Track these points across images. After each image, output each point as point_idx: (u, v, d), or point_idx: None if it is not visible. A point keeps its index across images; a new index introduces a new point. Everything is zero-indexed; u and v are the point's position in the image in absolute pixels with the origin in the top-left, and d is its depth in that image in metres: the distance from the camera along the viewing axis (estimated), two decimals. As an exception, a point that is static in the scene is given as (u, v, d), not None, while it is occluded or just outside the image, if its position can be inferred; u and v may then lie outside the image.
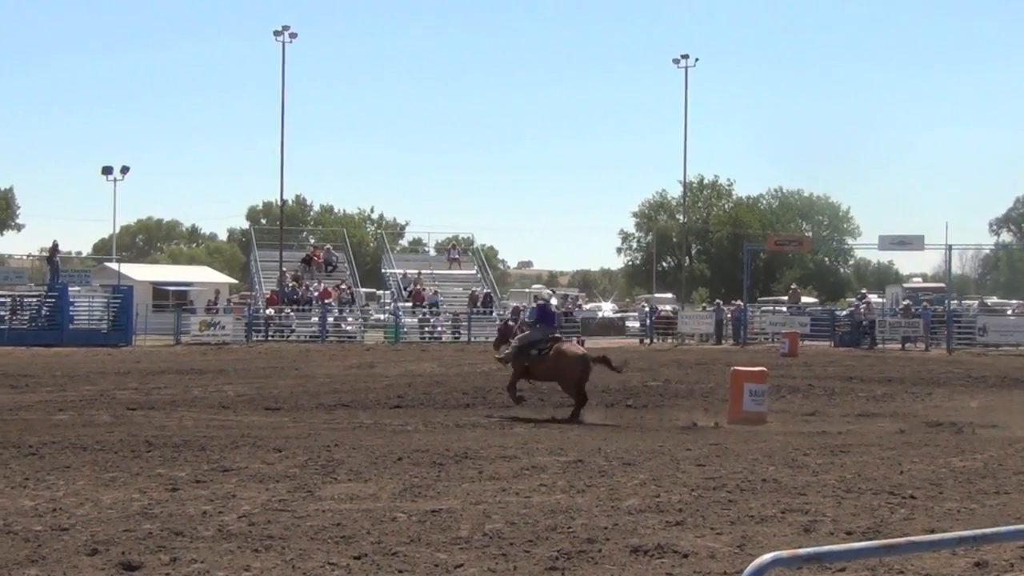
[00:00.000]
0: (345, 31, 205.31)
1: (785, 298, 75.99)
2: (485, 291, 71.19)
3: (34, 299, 58.46)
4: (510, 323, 31.20)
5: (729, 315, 67.21)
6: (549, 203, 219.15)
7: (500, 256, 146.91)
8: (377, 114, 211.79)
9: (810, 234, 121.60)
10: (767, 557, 6.01)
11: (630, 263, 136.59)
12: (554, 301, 28.03)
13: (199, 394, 30.25)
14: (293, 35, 72.17)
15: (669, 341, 66.08)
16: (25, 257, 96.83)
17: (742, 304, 67.76)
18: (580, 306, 76.02)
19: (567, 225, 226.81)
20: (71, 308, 56.90)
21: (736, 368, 26.69)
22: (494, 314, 68.26)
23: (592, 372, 27.29)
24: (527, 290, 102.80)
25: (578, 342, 32.57)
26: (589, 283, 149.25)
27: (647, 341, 65.96)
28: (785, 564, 6.07)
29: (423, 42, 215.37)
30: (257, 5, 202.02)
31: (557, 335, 28.38)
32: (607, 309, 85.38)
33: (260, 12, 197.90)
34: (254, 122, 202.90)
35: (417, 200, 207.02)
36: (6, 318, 54.72)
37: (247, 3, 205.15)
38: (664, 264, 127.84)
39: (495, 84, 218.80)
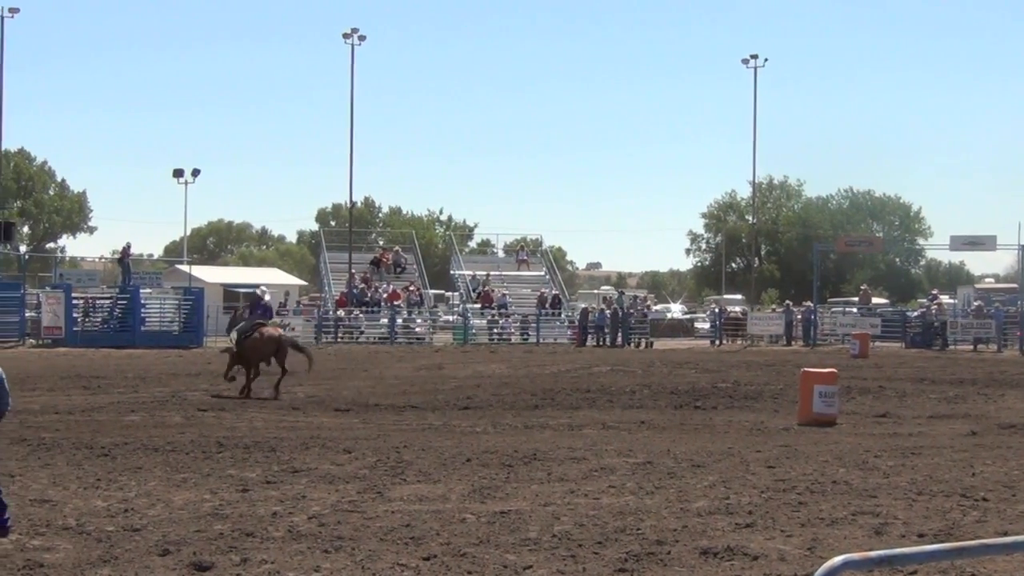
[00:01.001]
0: (414, 34, 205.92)
1: (855, 299, 75.39)
2: (553, 292, 71.12)
3: (106, 301, 58.91)
4: (239, 314, 34.51)
5: (799, 316, 66.77)
6: (618, 204, 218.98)
7: (569, 257, 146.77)
8: (446, 116, 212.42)
9: (881, 235, 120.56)
10: (838, 560, 5.97)
11: (699, 264, 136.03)
12: (267, 297, 33.82)
13: (269, 395, 30.34)
14: (362, 38, 72.47)
15: (738, 342, 65.77)
16: (97, 259, 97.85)
17: (812, 305, 67.29)
18: (649, 307, 75.78)
19: (636, 226, 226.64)
20: (143, 310, 57.30)
21: (806, 369, 26.48)
22: (563, 316, 68.22)
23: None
24: (596, 291, 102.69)
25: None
26: (658, 284, 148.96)
27: (716, 343, 65.69)
28: (856, 567, 6.03)
29: (491, 44, 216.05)
30: (327, 9, 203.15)
31: (262, 321, 32.08)
32: (676, 310, 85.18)
33: (329, 15, 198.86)
34: (323, 125, 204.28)
35: (486, 201, 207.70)
36: (79, 320, 55.12)
37: (317, 7, 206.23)
38: (733, 265, 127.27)
39: (564, 86, 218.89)
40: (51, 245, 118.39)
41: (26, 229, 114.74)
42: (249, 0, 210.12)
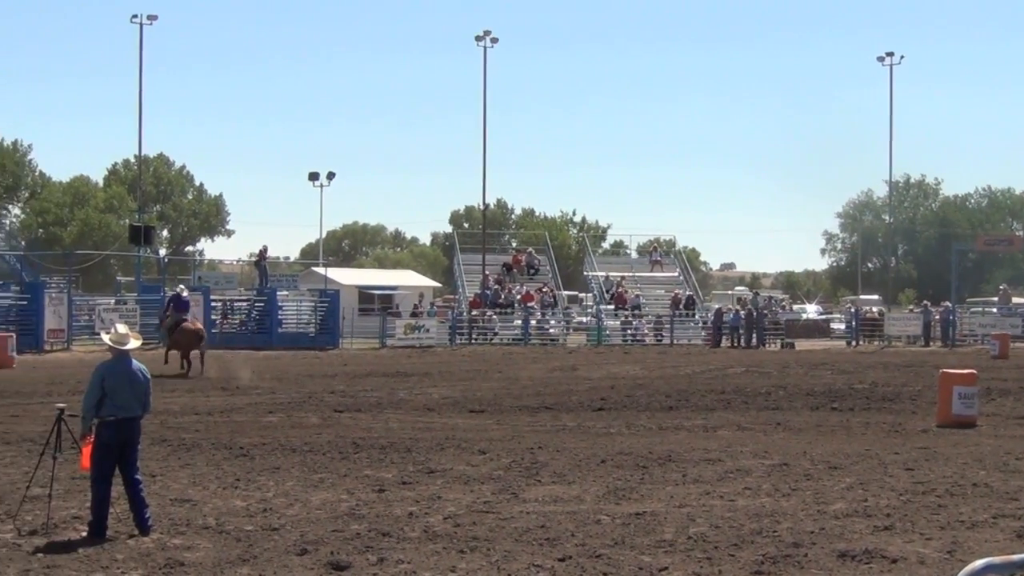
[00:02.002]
0: (546, 35, 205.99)
1: (995, 299, 74.18)
2: (687, 293, 70.72)
3: (244, 303, 59.80)
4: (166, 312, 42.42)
5: (937, 316, 65.80)
6: (752, 204, 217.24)
7: (702, 258, 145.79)
8: (579, 117, 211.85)
9: (1021, 233, 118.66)
10: (979, 563, 5.90)
11: (835, 264, 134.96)
12: (185, 294, 43.20)
13: (404, 396, 30.58)
14: (494, 40, 72.53)
15: (875, 343, 64.93)
16: (235, 262, 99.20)
17: (950, 305, 66.34)
18: (784, 308, 75.08)
19: (770, 226, 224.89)
20: (279, 312, 57.93)
21: (945, 370, 26.20)
22: (696, 317, 67.85)
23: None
24: (729, 292, 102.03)
25: None
26: (793, 285, 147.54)
27: (852, 343, 64.96)
28: (998, 571, 5.94)
29: (624, 46, 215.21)
30: (459, 13, 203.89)
31: (185, 318, 39.97)
32: (812, 311, 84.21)
33: (462, 20, 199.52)
34: (456, 127, 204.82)
35: (619, 202, 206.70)
36: (217, 322, 55.77)
37: (449, 11, 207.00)
38: (870, 265, 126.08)
39: (695, 87, 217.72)
40: (189, 248, 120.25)
41: (165, 233, 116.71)
42: (382, 6, 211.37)
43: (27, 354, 44.96)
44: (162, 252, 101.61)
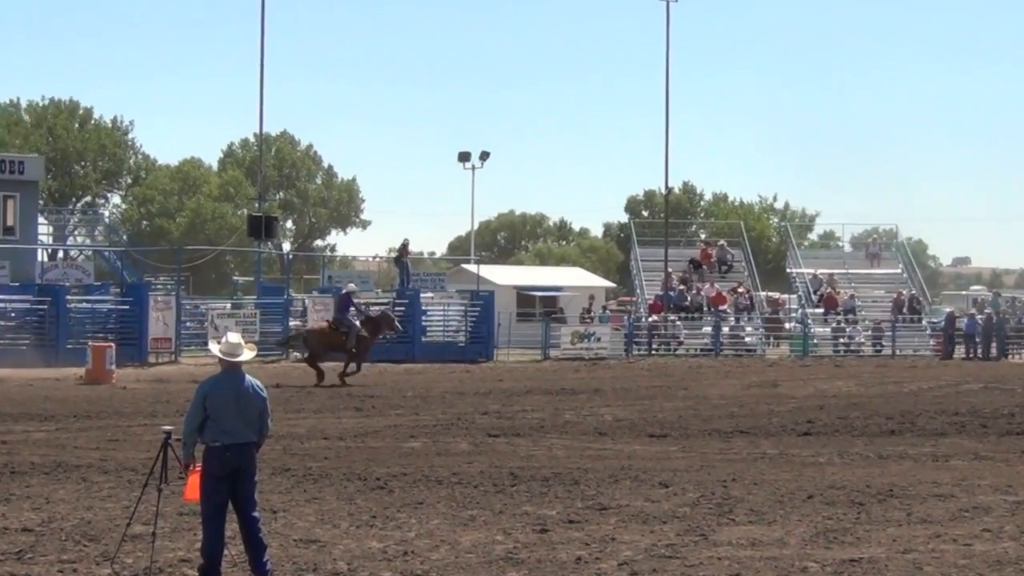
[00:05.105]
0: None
1: None
2: (912, 294, 69.95)
3: (382, 307, 59.62)
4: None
5: None
6: (989, 189, 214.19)
7: (930, 252, 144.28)
8: (778, 89, 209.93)
9: None
10: None
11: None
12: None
13: (571, 418, 30.58)
14: (680, -7, 72.30)
15: None
16: (371, 259, 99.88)
17: None
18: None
19: (1013, 214, 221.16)
20: (424, 317, 58.14)
21: None
22: (924, 322, 67.02)
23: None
24: (964, 293, 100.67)
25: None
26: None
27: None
28: None
29: (821, 26, 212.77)
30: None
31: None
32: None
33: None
34: (632, 98, 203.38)
35: (829, 186, 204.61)
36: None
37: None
38: None
39: (921, 55, 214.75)
40: (317, 243, 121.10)
41: (289, 224, 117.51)
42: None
43: (129, 367, 45.51)
44: (286, 247, 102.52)
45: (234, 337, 13.74)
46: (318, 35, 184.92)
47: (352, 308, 43.81)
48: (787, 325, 68.92)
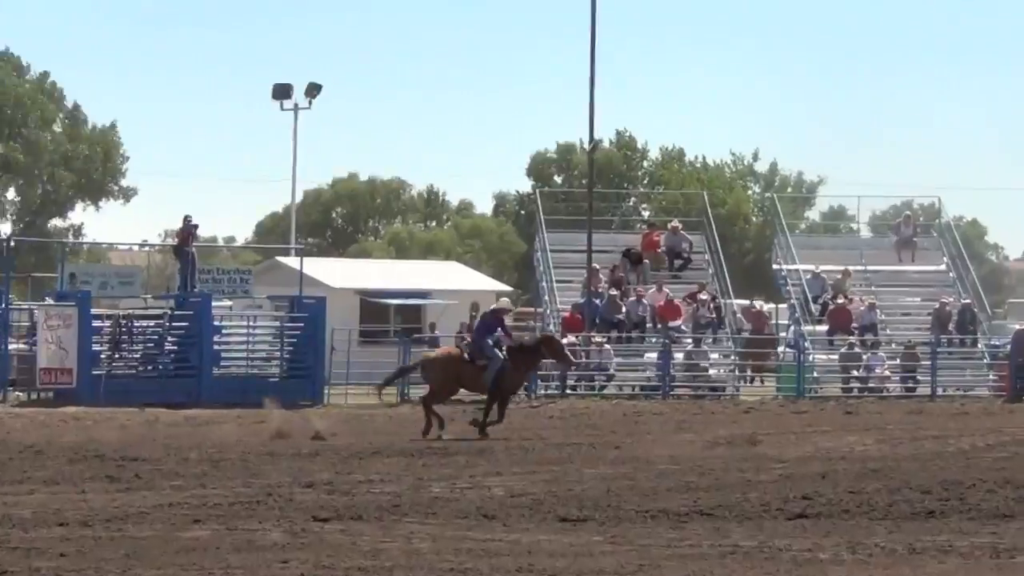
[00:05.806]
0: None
1: None
2: (963, 302, 57.43)
3: (151, 322, 50.38)
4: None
5: None
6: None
7: (990, 238, 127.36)
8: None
9: None
10: None
11: None
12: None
13: (441, 493, 25.38)
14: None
15: None
16: (137, 247, 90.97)
17: None
18: None
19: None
20: (216, 338, 48.80)
21: None
22: (980, 345, 56.95)
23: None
24: None
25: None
26: None
27: None
28: None
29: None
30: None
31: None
32: None
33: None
34: (542, 16, 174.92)
35: (837, 140, 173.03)
36: (103, 356, 46.96)
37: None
38: None
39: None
40: (55, 222, 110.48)
41: (10, 194, 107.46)
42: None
43: None
44: (3, 229, 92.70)
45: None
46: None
47: (500, 331, 38.93)
48: (781, 349, 58.94)
